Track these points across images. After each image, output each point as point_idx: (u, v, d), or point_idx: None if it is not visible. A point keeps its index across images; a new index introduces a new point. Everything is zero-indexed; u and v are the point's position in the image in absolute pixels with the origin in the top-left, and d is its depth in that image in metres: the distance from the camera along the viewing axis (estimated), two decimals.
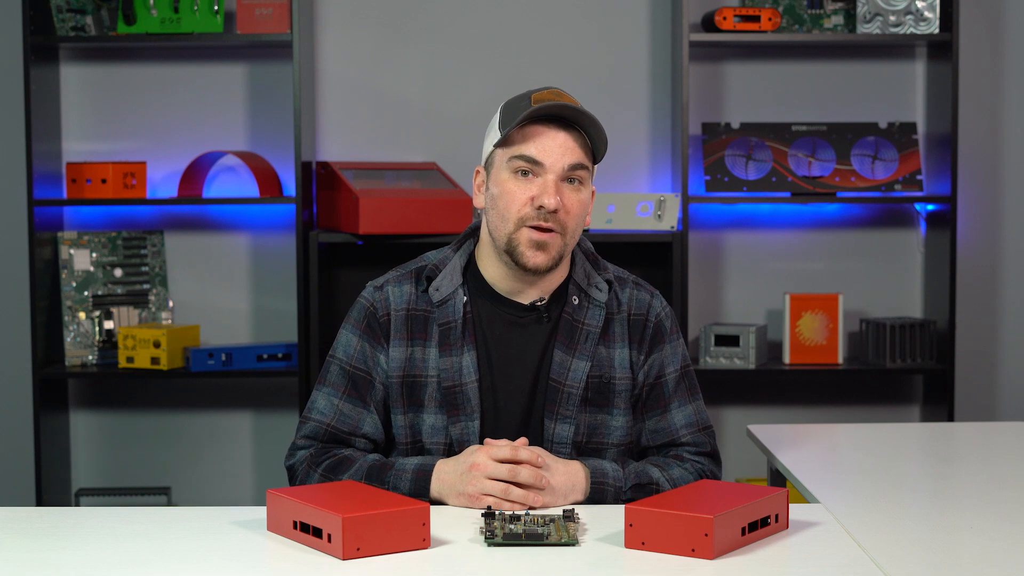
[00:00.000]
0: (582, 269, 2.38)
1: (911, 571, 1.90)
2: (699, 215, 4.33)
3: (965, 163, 4.30)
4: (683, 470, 2.32)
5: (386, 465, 2.25)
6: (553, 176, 2.26)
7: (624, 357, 2.36)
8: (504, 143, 2.28)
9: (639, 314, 2.38)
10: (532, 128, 2.26)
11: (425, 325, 2.34)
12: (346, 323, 2.38)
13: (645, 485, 2.26)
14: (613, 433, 2.35)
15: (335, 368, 2.36)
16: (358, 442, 2.32)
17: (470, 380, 2.30)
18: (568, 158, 2.26)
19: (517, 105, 2.29)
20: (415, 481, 2.22)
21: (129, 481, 4.35)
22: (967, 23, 4.27)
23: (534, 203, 2.26)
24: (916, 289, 4.38)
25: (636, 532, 1.97)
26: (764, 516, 2.05)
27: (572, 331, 2.34)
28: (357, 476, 2.24)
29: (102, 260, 4.22)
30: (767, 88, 4.35)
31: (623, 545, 1.98)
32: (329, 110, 4.31)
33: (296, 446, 2.33)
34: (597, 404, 2.34)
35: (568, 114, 2.26)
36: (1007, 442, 2.87)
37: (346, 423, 2.32)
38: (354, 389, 2.33)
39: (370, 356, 2.34)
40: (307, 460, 2.30)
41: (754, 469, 4.34)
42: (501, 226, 2.29)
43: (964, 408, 4.33)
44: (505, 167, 2.28)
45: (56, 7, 4.08)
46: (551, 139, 2.26)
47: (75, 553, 2.00)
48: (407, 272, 2.39)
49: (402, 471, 2.23)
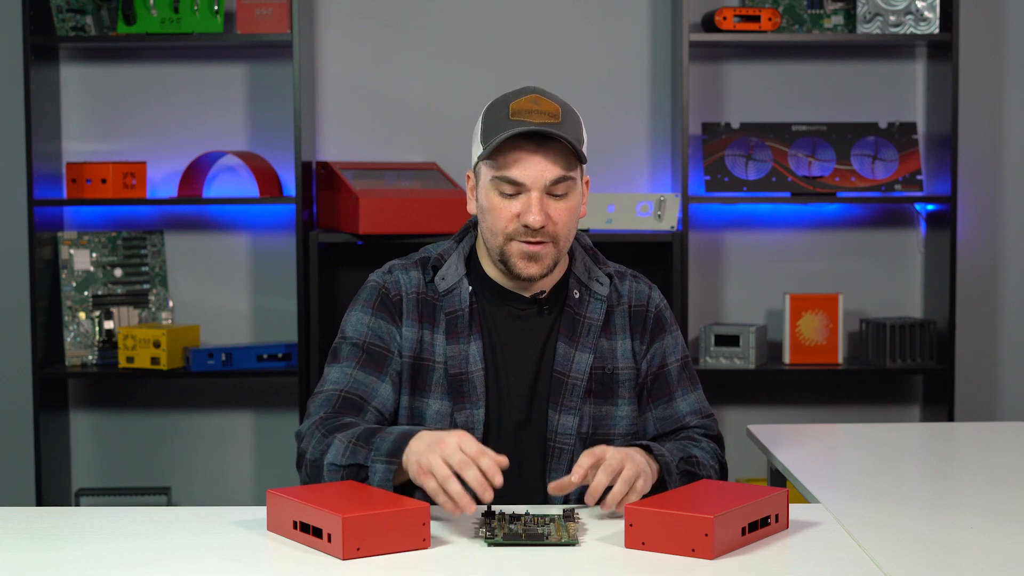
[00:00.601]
0: (582, 264, 2.39)
1: (911, 571, 1.90)
2: (699, 215, 4.33)
3: (965, 163, 4.30)
4: (701, 450, 2.34)
5: (378, 429, 2.18)
6: (536, 193, 2.26)
7: (627, 347, 2.38)
8: (487, 157, 2.28)
9: (639, 305, 2.40)
10: (511, 149, 2.25)
11: (433, 311, 2.34)
12: (354, 306, 2.37)
13: (688, 458, 2.28)
14: (619, 423, 2.36)
15: (347, 346, 2.33)
16: (370, 412, 2.28)
17: (476, 368, 2.31)
18: (549, 174, 2.26)
19: (496, 116, 2.27)
20: (396, 441, 2.13)
21: (129, 481, 4.35)
22: (967, 23, 4.27)
23: (520, 220, 2.27)
24: (916, 289, 4.38)
25: (636, 532, 1.97)
26: (764, 516, 2.05)
27: (574, 324, 2.35)
28: (349, 436, 2.17)
29: (102, 260, 4.22)
30: (767, 88, 4.35)
31: (623, 545, 1.98)
32: (329, 110, 4.31)
33: (308, 415, 2.29)
34: (601, 395, 2.35)
35: (545, 133, 2.24)
36: (1007, 442, 2.87)
37: (360, 389, 2.28)
38: (369, 360, 2.31)
39: (386, 331, 2.33)
40: (316, 422, 2.25)
41: (754, 469, 4.34)
42: (492, 239, 2.31)
43: (964, 408, 4.33)
44: (489, 184, 2.29)
45: (56, 7, 4.08)
46: (530, 158, 2.25)
47: (75, 553, 2.00)
48: (412, 261, 2.40)
49: (389, 433, 2.16)
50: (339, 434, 2.19)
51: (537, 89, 2.30)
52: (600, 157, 4.28)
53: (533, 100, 2.27)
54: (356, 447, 2.16)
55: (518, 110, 2.26)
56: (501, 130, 2.25)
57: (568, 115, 2.28)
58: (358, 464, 2.15)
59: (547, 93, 2.30)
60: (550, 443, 2.31)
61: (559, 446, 2.31)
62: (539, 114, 2.25)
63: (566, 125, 2.26)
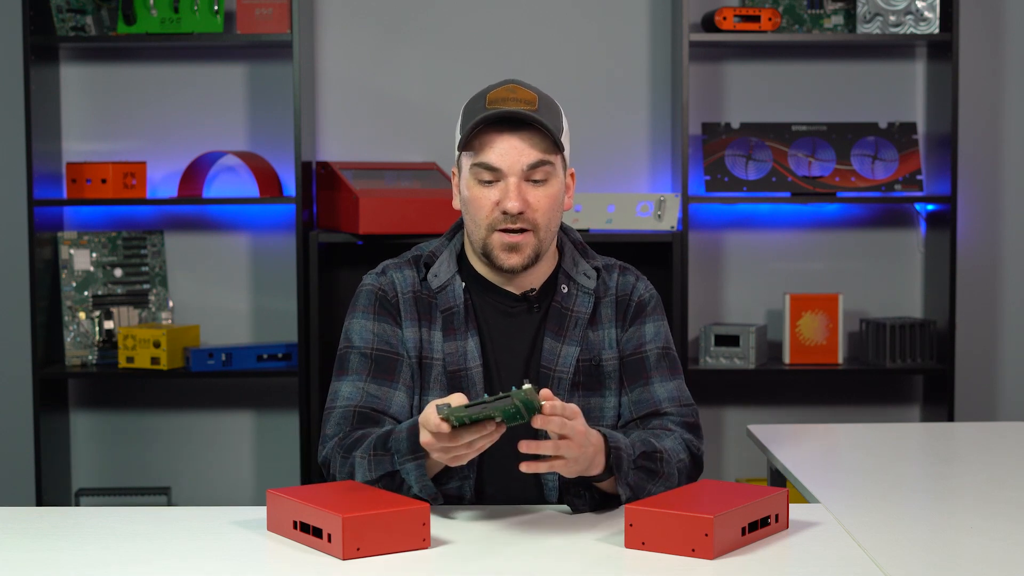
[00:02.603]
0: (570, 258, 2.39)
1: (911, 571, 1.90)
2: (699, 215, 4.33)
3: (965, 163, 4.30)
4: (673, 441, 2.28)
5: (389, 433, 2.18)
6: (514, 179, 2.26)
7: (611, 338, 2.37)
8: (465, 147, 2.29)
9: (624, 294, 2.40)
10: (487, 134, 2.26)
11: (430, 309, 2.34)
12: (353, 312, 2.36)
13: (651, 453, 2.21)
14: (608, 415, 2.35)
15: (354, 356, 2.33)
16: (386, 422, 2.28)
17: (474, 364, 2.31)
18: (525, 159, 2.26)
19: (473, 107, 2.29)
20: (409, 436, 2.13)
21: (129, 481, 4.35)
22: (967, 23, 4.27)
23: (499, 207, 2.26)
24: (916, 289, 4.38)
25: (636, 532, 1.97)
26: (764, 516, 2.05)
27: (561, 319, 2.34)
28: (367, 450, 2.17)
29: (102, 260, 4.22)
30: (767, 88, 4.35)
31: (623, 545, 1.98)
32: (329, 110, 4.31)
33: (326, 437, 2.29)
34: (589, 388, 2.34)
35: (519, 116, 2.25)
36: (1007, 442, 2.87)
37: (375, 403, 2.28)
38: (379, 370, 2.31)
39: (392, 334, 2.33)
40: (335, 446, 2.25)
41: (754, 469, 4.34)
42: (475, 231, 2.31)
43: (964, 408, 4.33)
44: (469, 173, 2.29)
45: (56, 7, 4.08)
46: (505, 143, 2.26)
47: (75, 553, 2.00)
48: (405, 260, 2.39)
49: (400, 432, 2.16)
50: (357, 452, 2.19)
51: (516, 80, 2.32)
52: (600, 157, 4.28)
53: (510, 89, 2.28)
54: (378, 458, 2.16)
55: (494, 99, 2.27)
56: (475, 118, 2.26)
57: (546, 104, 2.29)
58: (388, 473, 2.15)
59: (526, 84, 2.31)
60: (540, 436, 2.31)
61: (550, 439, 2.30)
62: (515, 101, 2.26)
63: (543, 112, 2.27)
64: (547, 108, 2.28)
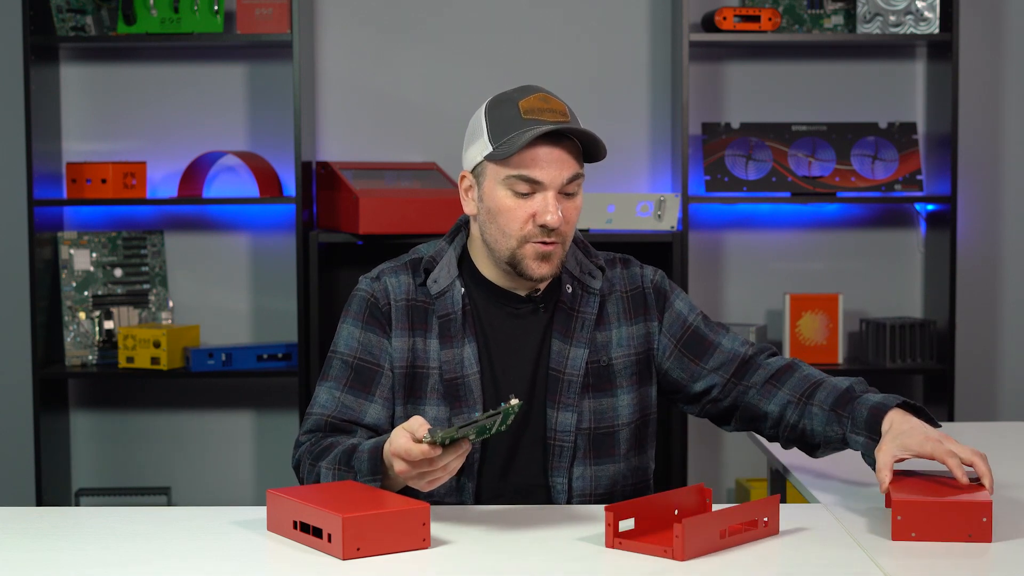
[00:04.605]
0: (574, 258, 2.38)
1: (911, 571, 1.90)
2: (699, 215, 4.33)
3: (965, 163, 4.30)
4: (820, 371, 2.49)
5: (354, 449, 2.18)
6: (552, 192, 2.25)
7: (622, 335, 2.36)
8: (503, 157, 2.25)
9: (634, 288, 2.40)
10: (531, 148, 2.24)
11: (425, 316, 2.33)
12: (345, 317, 2.36)
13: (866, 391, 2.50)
14: (622, 414, 2.35)
15: (337, 362, 2.33)
16: (360, 433, 2.28)
17: (472, 372, 2.29)
18: (566, 172, 2.25)
19: (505, 114, 2.25)
20: (371, 459, 2.13)
21: (129, 481, 4.35)
22: (967, 23, 4.27)
23: (535, 221, 2.25)
24: (916, 289, 4.38)
25: (904, 524, 2.01)
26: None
27: (568, 320, 2.34)
28: (332, 462, 2.19)
29: (102, 260, 4.22)
30: (767, 88, 4.35)
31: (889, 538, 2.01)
32: (329, 110, 4.31)
33: (298, 442, 2.31)
34: (600, 389, 2.34)
35: (570, 131, 2.24)
36: (1007, 442, 2.87)
37: (347, 414, 2.29)
38: (357, 380, 2.30)
39: (376, 345, 2.32)
40: (304, 451, 2.27)
41: (754, 469, 4.34)
42: (503, 241, 2.28)
43: (964, 408, 4.33)
44: (501, 184, 2.26)
45: (56, 7, 4.08)
46: (548, 156, 2.24)
47: (75, 553, 2.00)
48: (402, 264, 2.37)
49: (363, 451, 2.15)
50: (323, 462, 2.20)
51: (541, 88, 2.29)
52: None
53: (542, 99, 2.26)
54: (341, 472, 2.17)
55: (530, 109, 2.24)
56: (514, 128, 2.23)
57: (573, 113, 2.28)
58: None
59: (551, 92, 2.30)
60: (550, 441, 2.30)
61: (559, 444, 2.30)
62: (551, 112, 2.24)
63: (575, 122, 2.27)
64: (575, 118, 2.27)
